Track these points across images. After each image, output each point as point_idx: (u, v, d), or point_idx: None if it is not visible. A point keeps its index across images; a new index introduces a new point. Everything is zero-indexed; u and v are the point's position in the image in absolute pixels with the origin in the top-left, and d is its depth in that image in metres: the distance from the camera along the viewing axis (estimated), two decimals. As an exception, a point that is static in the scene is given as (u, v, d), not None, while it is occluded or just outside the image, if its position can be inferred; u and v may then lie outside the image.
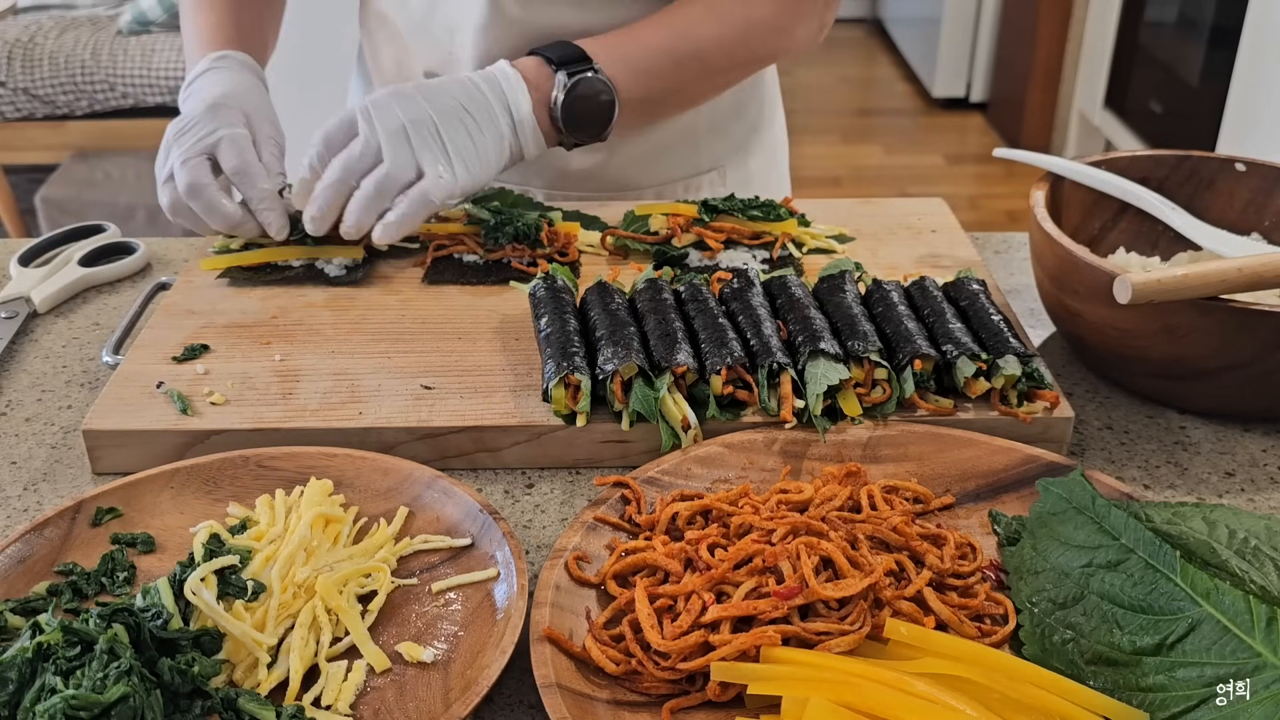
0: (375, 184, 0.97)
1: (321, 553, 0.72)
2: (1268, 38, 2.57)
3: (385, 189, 0.97)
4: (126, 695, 0.57)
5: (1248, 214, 1.03)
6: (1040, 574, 0.69)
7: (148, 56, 3.48)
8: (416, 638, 0.69)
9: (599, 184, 1.24)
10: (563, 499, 0.83)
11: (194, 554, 0.69)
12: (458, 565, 0.74)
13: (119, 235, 1.19)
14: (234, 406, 0.87)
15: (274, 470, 0.80)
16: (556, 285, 0.94)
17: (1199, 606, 0.63)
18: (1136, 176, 1.03)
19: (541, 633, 0.65)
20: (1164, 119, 3.40)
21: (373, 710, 0.64)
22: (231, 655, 0.65)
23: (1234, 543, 0.67)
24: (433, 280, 1.05)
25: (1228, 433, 0.90)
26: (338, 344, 0.95)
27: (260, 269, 1.05)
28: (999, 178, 4.15)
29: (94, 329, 1.05)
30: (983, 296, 0.93)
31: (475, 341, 0.95)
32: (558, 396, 0.84)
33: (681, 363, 0.84)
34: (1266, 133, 2.56)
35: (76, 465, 0.86)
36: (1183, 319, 0.83)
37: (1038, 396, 0.86)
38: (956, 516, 0.78)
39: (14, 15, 3.68)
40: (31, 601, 0.70)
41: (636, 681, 0.65)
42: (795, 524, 0.71)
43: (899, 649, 0.64)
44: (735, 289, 0.94)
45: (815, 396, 0.83)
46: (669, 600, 0.67)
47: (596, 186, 1.24)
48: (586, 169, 1.22)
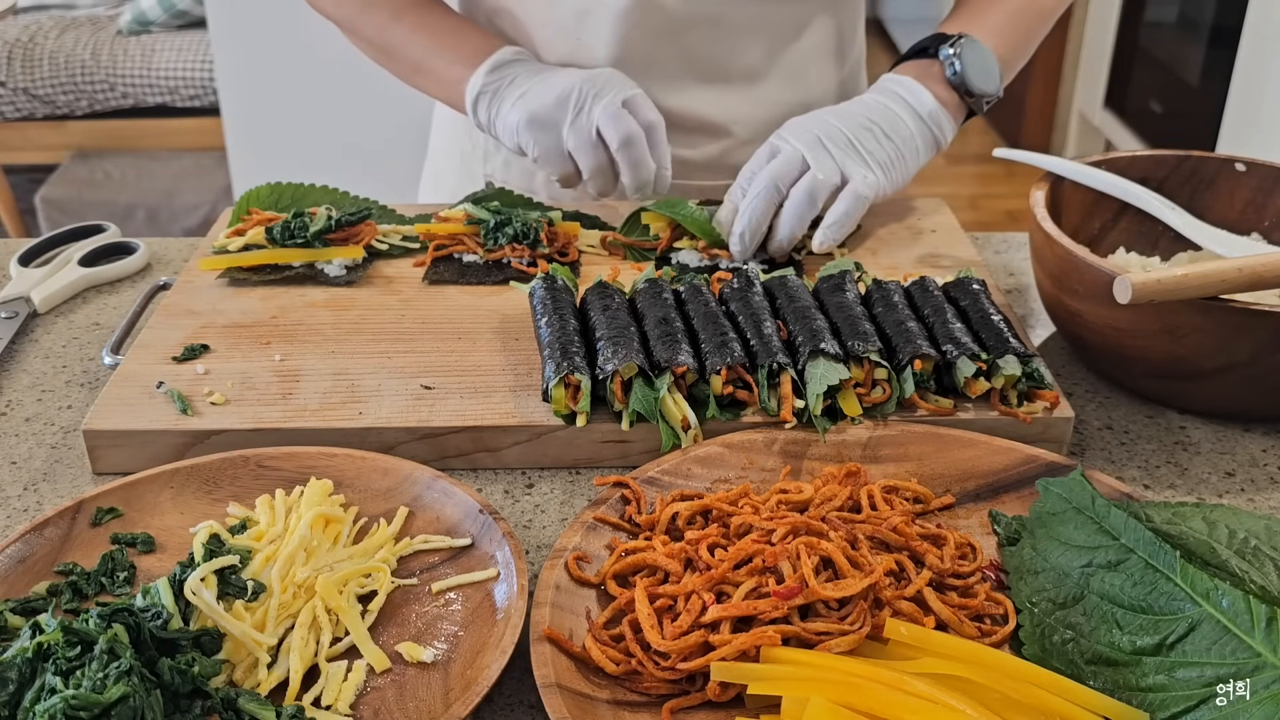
0: (806, 190, 1.01)
1: (321, 553, 0.72)
2: (1268, 38, 2.57)
3: (816, 194, 1.01)
4: (126, 695, 0.57)
5: (1248, 214, 1.03)
6: (1040, 574, 0.69)
7: (148, 56, 3.48)
8: (416, 638, 0.69)
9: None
10: (563, 499, 0.83)
11: (194, 554, 0.69)
12: (458, 565, 0.74)
13: (119, 235, 1.19)
14: (234, 406, 0.87)
15: (274, 470, 0.80)
16: (556, 285, 0.94)
17: (1199, 606, 0.63)
18: (1136, 176, 1.03)
19: (541, 633, 0.65)
20: (1164, 119, 3.40)
21: (373, 710, 0.64)
22: (231, 655, 0.65)
23: (1234, 543, 0.67)
24: (433, 280, 1.05)
25: (1228, 433, 0.90)
26: (338, 344, 0.95)
27: (260, 269, 1.05)
28: (999, 178, 4.15)
29: (94, 329, 1.05)
30: (983, 296, 0.93)
31: (475, 341, 0.95)
32: (558, 396, 0.84)
33: (682, 363, 0.84)
34: (1266, 133, 2.56)
35: (76, 465, 0.86)
36: (1183, 319, 0.83)
37: (1038, 396, 0.86)
38: (956, 516, 0.78)
39: (14, 15, 3.68)
40: (31, 601, 0.70)
41: (636, 681, 0.65)
42: (795, 524, 0.71)
43: (899, 649, 0.64)
44: (735, 289, 0.94)
45: (815, 396, 0.83)
46: (669, 600, 0.67)
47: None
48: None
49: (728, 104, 1.18)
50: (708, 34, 1.13)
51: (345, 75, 2.75)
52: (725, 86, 1.17)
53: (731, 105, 1.18)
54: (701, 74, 1.16)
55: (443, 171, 1.36)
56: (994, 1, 1.14)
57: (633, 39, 1.12)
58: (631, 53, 1.13)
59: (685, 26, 1.12)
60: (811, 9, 1.17)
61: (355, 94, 2.79)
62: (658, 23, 1.12)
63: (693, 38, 1.13)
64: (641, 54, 1.13)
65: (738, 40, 1.14)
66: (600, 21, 1.12)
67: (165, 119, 3.53)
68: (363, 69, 1.29)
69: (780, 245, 1.04)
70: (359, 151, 2.79)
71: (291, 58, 2.79)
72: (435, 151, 1.39)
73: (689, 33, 1.13)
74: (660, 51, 1.13)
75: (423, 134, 1.42)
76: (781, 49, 1.17)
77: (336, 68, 2.74)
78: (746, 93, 1.18)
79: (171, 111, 3.52)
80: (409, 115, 2.56)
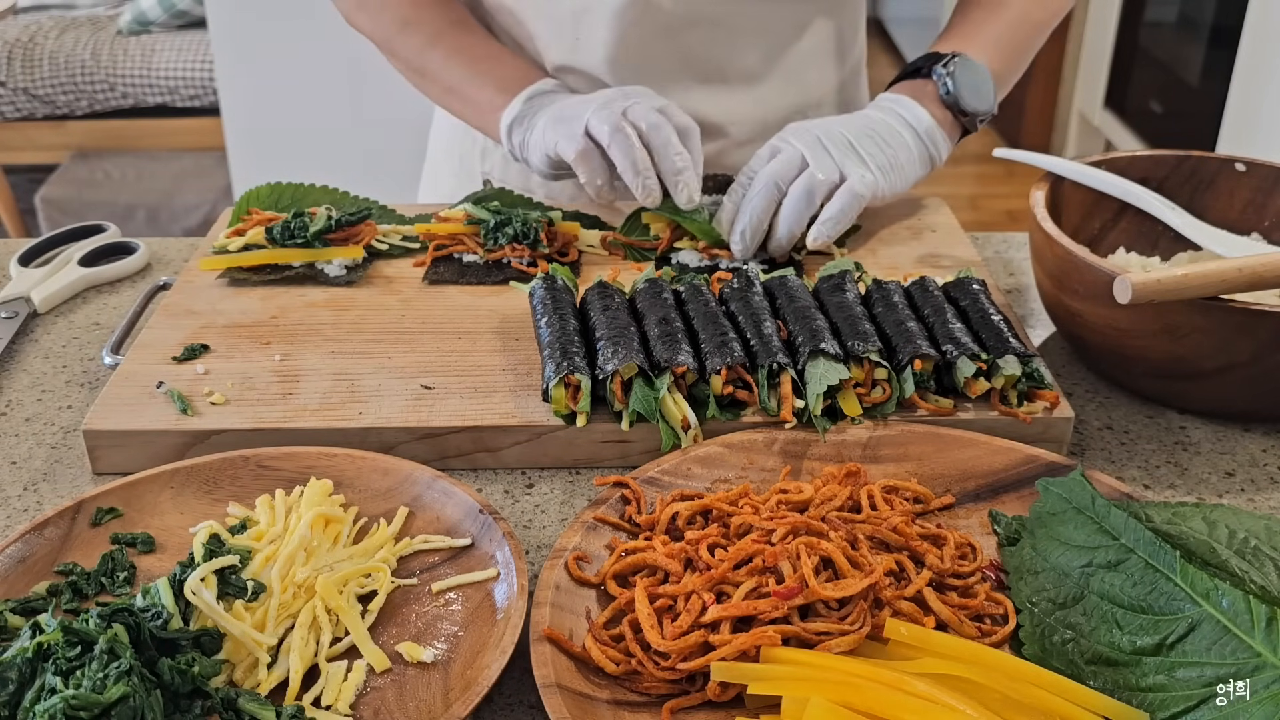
0: (804, 187, 1.01)
1: (321, 553, 0.72)
2: (1268, 38, 2.57)
3: (814, 192, 1.01)
4: (126, 695, 0.57)
5: (1248, 214, 1.03)
6: (1040, 574, 0.69)
7: (148, 56, 3.48)
8: (416, 638, 0.69)
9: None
10: (563, 499, 0.83)
11: (194, 554, 0.69)
12: (458, 565, 0.74)
13: (119, 235, 1.19)
14: (234, 406, 0.87)
15: (274, 470, 0.80)
16: (556, 285, 0.94)
17: (1199, 606, 0.63)
18: (1136, 176, 1.03)
19: (541, 633, 0.65)
20: (1164, 119, 3.40)
21: (373, 710, 0.64)
22: (231, 655, 0.65)
23: (1234, 543, 0.67)
24: (433, 280, 1.05)
25: (1228, 433, 0.90)
26: (338, 344, 0.95)
27: (260, 269, 1.05)
28: (999, 178, 4.15)
29: (94, 329, 1.05)
30: (983, 296, 0.93)
31: (475, 341, 0.95)
32: (558, 396, 0.84)
33: (682, 363, 0.84)
34: (1266, 133, 2.55)
35: (76, 465, 0.86)
36: (1183, 319, 0.83)
37: (1038, 396, 0.86)
38: (956, 516, 0.78)
39: (14, 15, 3.68)
40: (31, 601, 0.70)
41: (636, 681, 0.65)
42: (795, 524, 0.71)
43: (899, 649, 0.64)
44: (735, 289, 0.94)
45: (815, 396, 0.83)
46: (669, 600, 0.67)
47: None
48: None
49: (726, 104, 1.18)
50: (706, 34, 1.13)
51: (345, 75, 2.76)
52: (723, 87, 1.17)
53: (729, 106, 1.18)
54: (700, 74, 1.16)
55: (441, 171, 1.36)
56: (989, 16, 1.14)
57: (630, 38, 1.12)
58: (629, 52, 1.12)
59: (683, 26, 1.12)
60: (811, 10, 1.16)
61: (355, 94, 2.80)
62: (655, 22, 1.11)
63: (691, 38, 1.13)
64: (639, 53, 1.13)
65: (737, 41, 1.14)
66: (597, 20, 1.12)
67: (165, 119, 3.53)
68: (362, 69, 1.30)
69: (780, 244, 1.04)
70: (359, 151, 2.79)
71: (291, 58, 2.79)
72: (435, 151, 1.39)
73: (687, 32, 1.12)
74: (658, 51, 1.13)
75: (422, 134, 1.42)
76: (781, 50, 1.17)
77: (336, 68, 2.75)
78: (745, 93, 1.18)
79: (171, 111, 3.53)
80: (408, 115, 2.56)
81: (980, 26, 1.14)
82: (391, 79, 1.21)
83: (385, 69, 1.21)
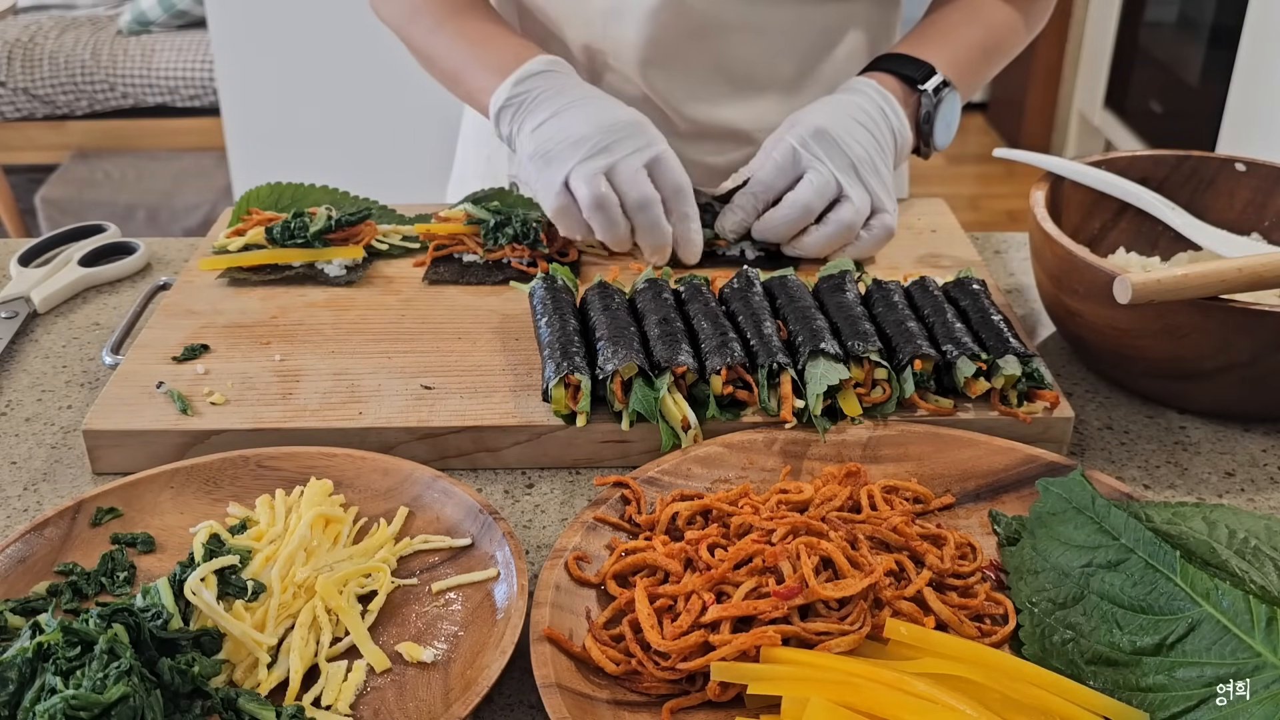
0: (847, 223, 1.01)
1: (321, 553, 0.72)
2: (1268, 38, 2.57)
3: (854, 227, 1.02)
4: (126, 695, 0.57)
5: (1248, 214, 1.03)
6: (1040, 574, 0.69)
7: (148, 56, 3.48)
8: (416, 638, 0.69)
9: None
10: (563, 499, 0.83)
11: (194, 554, 0.69)
12: (458, 565, 0.74)
13: (119, 235, 1.19)
14: (234, 406, 0.87)
15: (274, 470, 0.80)
16: (556, 285, 0.94)
17: (1199, 606, 0.63)
18: (1136, 176, 1.03)
19: (541, 633, 0.65)
20: (1164, 119, 3.40)
21: (373, 710, 0.64)
22: (231, 655, 0.65)
23: (1234, 543, 0.67)
24: (433, 280, 1.05)
25: (1228, 433, 0.90)
26: (338, 344, 0.95)
27: (260, 269, 1.05)
28: (999, 178, 4.15)
29: (94, 329, 1.05)
30: (983, 296, 0.93)
31: (475, 341, 0.95)
32: (558, 396, 0.84)
33: (682, 363, 0.84)
34: (1266, 133, 2.55)
35: (76, 465, 0.86)
36: (1183, 319, 0.83)
37: (1038, 396, 0.86)
38: (956, 516, 0.78)
39: (14, 15, 3.68)
40: (31, 601, 0.70)
41: (636, 681, 0.65)
42: (795, 524, 0.71)
43: (899, 649, 0.64)
44: (735, 289, 0.94)
45: (815, 396, 0.83)
46: (669, 600, 0.67)
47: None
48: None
49: (756, 112, 1.16)
50: (738, 39, 1.11)
51: (345, 75, 2.75)
52: (755, 95, 1.16)
53: (759, 114, 1.16)
54: (731, 79, 1.14)
55: (469, 172, 1.35)
56: (964, 25, 1.12)
57: (661, 40, 1.10)
58: (659, 54, 1.11)
59: (715, 30, 1.10)
60: (844, 18, 1.14)
61: (355, 94, 2.79)
62: (687, 25, 1.10)
63: (722, 43, 1.11)
64: (669, 55, 1.11)
65: (769, 47, 1.13)
66: (629, 22, 1.10)
67: (165, 119, 3.53)
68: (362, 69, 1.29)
69: (793, 251, 1.04)
70: (359, 151, 2.79)
71: (291, 58, 2.79)
72: (464, 150, 1.37)
73: (719, 37, 1.11)
74: (689, 54, 1.12)
75: (422, 134, 1.42)
76: (815, 60, 1.16)
77: (337, 68, 2.75)
78: (777, 102, 1.16)
79: (171, 111, 3.53)
80: (409, 115, 2.56)
81: (953, 32, 1.11)
82: (392, 79, 1.21)
83: (385, 69, 1.21)
